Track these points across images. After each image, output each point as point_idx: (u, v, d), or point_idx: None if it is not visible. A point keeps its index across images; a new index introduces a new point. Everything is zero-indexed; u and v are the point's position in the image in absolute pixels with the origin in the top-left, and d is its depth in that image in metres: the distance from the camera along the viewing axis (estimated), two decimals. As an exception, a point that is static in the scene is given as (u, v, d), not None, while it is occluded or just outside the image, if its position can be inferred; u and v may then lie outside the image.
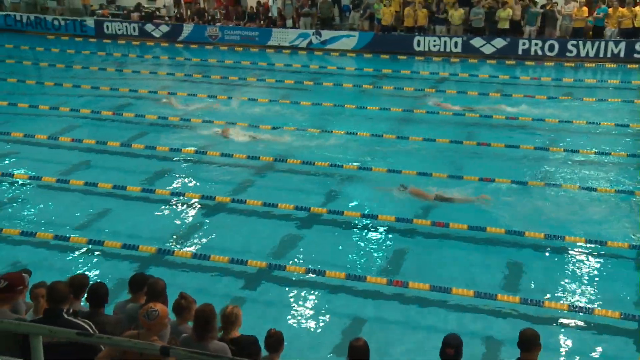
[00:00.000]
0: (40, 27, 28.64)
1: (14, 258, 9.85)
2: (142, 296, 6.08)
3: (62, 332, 3.73)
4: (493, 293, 9.09)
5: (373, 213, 11.58)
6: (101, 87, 19.95)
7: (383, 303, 9.12)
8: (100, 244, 10.34)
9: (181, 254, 10.13)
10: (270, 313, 8.85)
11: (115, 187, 12.51)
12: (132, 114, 17.21)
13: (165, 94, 19.04)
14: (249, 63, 24.00)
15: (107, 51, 26.07)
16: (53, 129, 15.96)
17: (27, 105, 17.84)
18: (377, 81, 21.75)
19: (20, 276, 5.64)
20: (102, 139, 15.10)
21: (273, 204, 11.85)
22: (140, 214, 11.81)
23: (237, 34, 27.11)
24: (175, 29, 27.65)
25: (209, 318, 5.36)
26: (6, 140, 15.30)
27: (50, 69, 22.85)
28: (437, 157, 14.68)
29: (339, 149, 15.05)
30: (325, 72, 23.00)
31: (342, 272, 9.63)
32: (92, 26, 28.23)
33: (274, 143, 15.36)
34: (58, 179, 12.91)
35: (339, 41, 26.04)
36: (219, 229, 11.33)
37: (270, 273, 9.80)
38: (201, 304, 5.60)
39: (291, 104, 18.50)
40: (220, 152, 14.46)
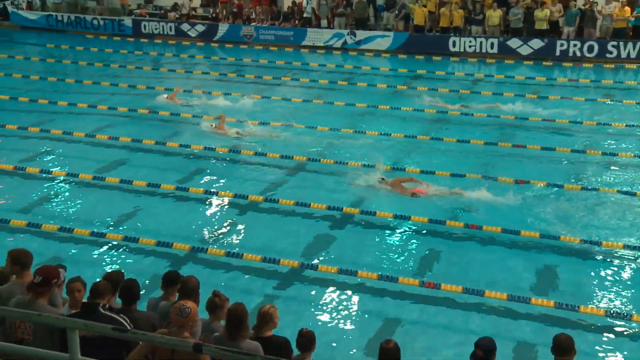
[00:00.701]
0: (80, 26, 29.15)
1: (52, 253, 10.03)
2: (174, 293, 6.15)
3: (98, 326, 3.80)
4: (527, 297, 8.98)
5: (406, 214, 11.53)
6: (138, 85, 20.22)
7: (415, 305, 9.07)
8: (135, 240, 10.47)
9: (214, 252, 10.20)
10: (302, 312, 8.86)
11: (150, 184, 12.66)
12: (167, 113, 17.40)
13: (166, 90, 18.98)
14: (284, 63, 24.09)
15: (144, 50, 26.41)
16: (90, 126, 16.21)
17: (66, 103, 18.17)
18: (411, 82, 21.65)
19: (54, 270, 5.75)
20: (138, 136, 15.30)
21: (306, 203, 11.88)
22: (174, 211, 11.93)
23: (271, 34, 27.23)
24: (210, 28, 27.89)
25: (242, 317, 5.39)
26: (46, 137, 15.58)
27: (88, 67, 23.24)
28: (471, 158, 14.55)
29: (372, 150, 15.01)
30: (359, 73, 22.97)
31: (374, 272, 9.60)
32: (129, 26, 28.62)
33: (307, 143, 15.39)
34: (94, 176, 13.12)
35: (374, 41, 25.99)
36: (252, 228, 11.39)
37: (302, 272, 9.82)
38: (233, 302, 5.64)
39: (325, 104, 18.52)
40: (254, 151, 14.55)
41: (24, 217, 11.35)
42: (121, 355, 5.20)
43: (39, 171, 13.40)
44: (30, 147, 15.02)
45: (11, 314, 4.30)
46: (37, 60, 24.37)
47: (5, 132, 15.94)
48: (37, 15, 29.63)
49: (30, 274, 5.86)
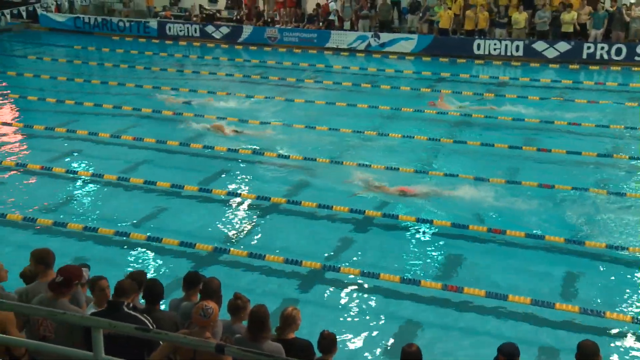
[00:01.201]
0: (106, 28, 29.46)
1: (77, 252, 10.15)
2: (195, 294, 6.17)
3: (121, 326, 3.83)
4: (551, 302, 8.88)
5: (428, 218, 11.48)
6: (162, 87, 20.36)
7: (437, 308, 9.02)
8: (158, 240, 10.55)
9: (237, 253, 10.23)
10: (323, 314, 8.86)
11: (174, 185, 12.75)
12: (192, 114, 17.51)
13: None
14: (307, 65, 24.13)
15: (168, 52, 26.62)
16: (116, 127, 16.37)
17: (92, 104, 18.36)
18: (435, 84, 21.56)
19: (77, 270, 5.80)
20: (162, 138, 15.41)
21: (328, 205, 11.88)
22: (197, 212, 12.00)
23: (295, 36, 27.29)
24: (235, 30, 28.03)
25: (264, 318, 5.41)
26: (72, 138, 15.77)
27: (114, 69, 23.48)
28: (495, 161, 14.45)
29: (395, 152, 14.98)
30: (382, 75, 22.92)
31: (397, 275, 9.57)
32: (155, 27, 28.87)
33: (330, 145, 15.41)
34: (119, 176, 13.24)
35: (398, 44, 25.93)
36: (274, 230, 11.42)
37: (324, 274, 9.81)
38: (255, 304, 5.66)
39: (348, 106, 18.51)
40: (276, 153, 14.59)
41: (50, 216, 11.50)
42: (143, 355, 5.24)
43: (65, 171, 13.55)
44: (57, 147, 15.22)
45: (37, 312, 4.35)
46: (64, 61, 24.67)
47: (33, 132, 16.17)
48: (65, 18, 30.02)
49: (54, 273, 5.93)
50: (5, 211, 11.53)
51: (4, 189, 12.89)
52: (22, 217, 11.33)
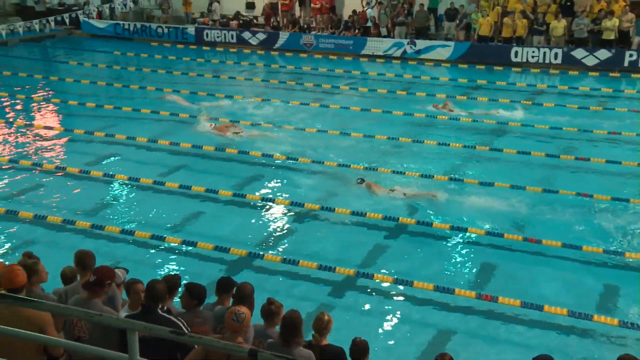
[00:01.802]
0: (145, 34, 29.90)
1: (114, 255, 10.30)
2: (228, 299, 6.22)
3: (156, 329, 3.87)
4: (589, 313, 8.72)
5: (463, 226, 11.38)
6: (199, 92, 20.58)
7: (471, 317, 8.93)
8: (193, 244, 10.65)
9: (270, 258, 10.28)
10: (356, 321, 8.84)
11: (208, 190, 12.85)
12: (227, 120, 17.65)
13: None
14: (343, 71, 24.15)
15: (205, 58, 26.90)
16: (153, 132, 16.57)
17: (130, 109, 18.64)
18: (471, 92, 21.39)
19: (110, 271, 5.89)
20: (198, 143, 15.56)
21: (362, 212, 11.86)
22: (231, 217, 12.09)
23: (331, 43, 27.35)
24: (271, 36, 28.21)
25: (296, 324, 5.42)
26: (110, 142, 16.02)
27: (152, 74, 23.79)
28: (531, 170, 14.27)
29: (430, 159, 14.90)
30: (418, 82, 22.82)
31: (430, 283, 9.50)
32: (192, 34, 29.21)
33: (365, 151, 15.39)
34: (155, 180, 13.40)
35: (434, 51, 25.79)
36: (308, 235, 11.44)
37: (357, 281, 9.79)
38: (288, 309, 5.67)
39: (383, 113, 18.47)
40: (311, 159, 14.61)
41: (88, 218, 11.70)
42: (177, 357, 5.28)
43: (103, 174, 13.77)
44: (95, 150, 15.48)
45: (73, 313, 4.43)
46: (104, 66, 25.10)
47: (73, 136, 16.47)
48: (105, 24, 30.57)
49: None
50: (46, 213, 11.76)
51: (44, 191, 13.15)
52: (61, 219, 11.54)
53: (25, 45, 28.83)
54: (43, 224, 11.49)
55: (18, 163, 14.41)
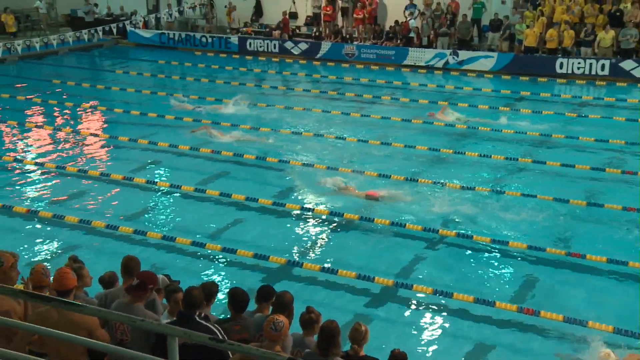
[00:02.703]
0: (189, 43, 30.34)
1: (154, 260, 10.43)
2: (267, 307, 6.23)
3: (196, 336, 3.91)
4: (635, 331, 8.50)
5: (504, 239, 11.22)
6: (241, 101, 20.75)
7: (511, 331, 8.80)
8: (233, 252, 10.73)
9: (309, 267, 10.29)
10: (394, 332, 8.78)
11: (248, 198, 12.95)
12: (269, 129, 17.78)
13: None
14: (384, 82, 24.12)
15: (248, 67, 27.16)
16: (195, 140, 16.78)
17: (173, 117, 18.92)
18: (514, 103, 21.13)
19: (153, 276, 5.96)
20: (239, 151, 15.69)
21: (401, 223, 11.80)
22: (271, 225, 12.14)
23: (373, 53, 27.34)
24: (313, 46, 28.35)
25: (334, 334, 5.40)
26: (153, 149, 16.28)
27: (195, 83, 24.14)
28: (575, 183, 14.02)
29: (472, 171, 14.76)
30: (460, 93, 22.66)
31: (470, 295, 9.39)
32: (235, 43, 29.53)
33: (406, 162, 15.34)
34: (196, 188, 13.55)
35: (477, 62, 25.57)
36: (347, 245, 11.42)
37: (396, 292, 9.74)
38: (327, 319, 5.66)
39: (424, 123, 18.38)
40: (351, 169, 14.61)
41: (130, 224, 11.89)
42: (215, 364, 5.32)
43: (145, 181, 13.99)
44: (139, 157, 15.74)
45: (117, 318, 4.51)
46: (148, 75, 25.54)
47: (118, 143, 16.79)
48: (151, 34, 31.13)
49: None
50: (90, 218, 12.00)
51: (89, 197, 13.43)
52: (105, 224, 11.77)
53: (74, 55, 29.54)
54: (87, 229, 11.73)
55: (65, 169, 14.75)
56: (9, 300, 5.43)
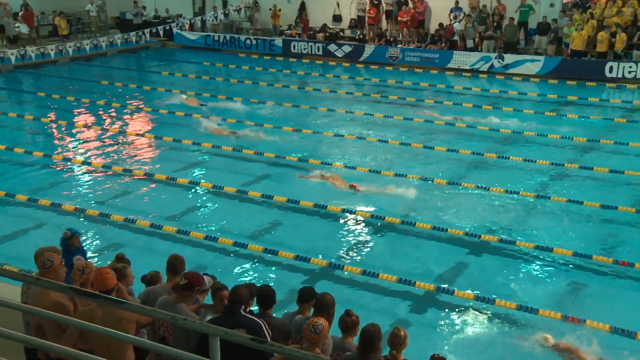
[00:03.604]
0: (234, 45, 30.66)
1: (197, 259, 10.55)
2: (308, 309, 6.24)
3: (236, 335, 3.94)
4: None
5: (549, 245, 11.03)
6: (284, 103, 20.89)
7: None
8: (274, 253, 10.79)
9: (350, 270, 10.28)
10: (434, 337, 8.72)
11: (290, 200, 13.00)
12: (311, 131, 17.84)
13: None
14: (428, 85, 23.96)
15: (291, 69, 27.30)
16: (238, 141, 16.93)
17: (218, 118, 19.08)
18: (560, 108, 20.76)
19: (200, 277, 6.02)
20: (282, 153, 15.77)
21: (443, 228, 11.70)
22: (312, 228, 12.16)
23: (417, 56, 27.19)
24: (357, 49, 28.33)
25: (375, 338, 5.37)
26: (196, 150, 16.47)
27: (239, 85, 24.36)
28: (624, 189, 13.69)
29: (516, 176, 14.55)
30: (505, 97, 22.36)
31: (513, 302, 9.26)
32: (280, 45, 29.71)
33: (448, 166, 15.21)
34: (238, 189, 13.66)
35: (523, 65, 25.21)
36: (388, 249, 11.37)
37: (437, 296, 9.66)
38: (367, 322, 5.64)
39: (468, 127, 18.20)
40: (394, 172, 14.55)
41: (174, 224, 12.06)
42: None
43: (188, 182, 14.16)
44: (182, 158, 15.94)
45: (160, 316, 4.58)
46: (193, 77, 25.88)
47: (163, 144, 17.04)
48: (196, 36, 31.55)
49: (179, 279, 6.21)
50: (135, 217, 12.21)
51: (134, 196, 13.66)
52: (149, 223, 11.96)
53: (122, 56, 30.13)
54: (132, 228, 11.93)
55: (111, 168, 15.04)
56: (59, 297, 5.59)
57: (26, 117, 19.81)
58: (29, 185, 13.98)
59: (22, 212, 12.62)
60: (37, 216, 12.47)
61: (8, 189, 13.41)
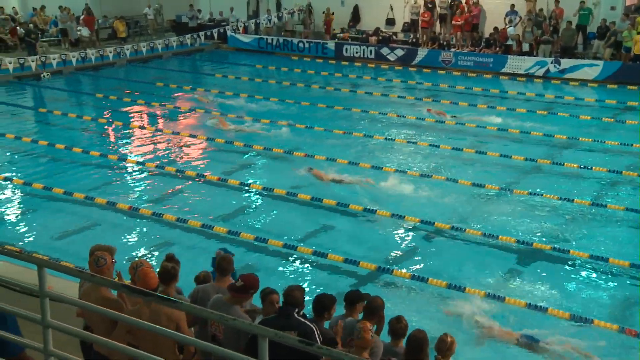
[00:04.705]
0: (287, 48, 30.87)
1: (247, 260, 10.65)
2: (356, 312, 6.22)
3: (285, 337, 3.96)
4: None
5: (604, 255, 10.74)
6: (335, 106, 20.91)
7: (612, 351, 8.39)
8: (324, 256, 10.80)
9: (399, 274, 10.22)
10: (483, 345, 8.58)
11: (340, 204, 12.98)
12: (361, 134, 17.81)
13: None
14: (481, 89, 23.64)
15: (343, 72, 27.30)
16: (290, 143, 17.02)
17: (268, 121, 19.15)
18: (619, 114, 20.21)
19: (256, 281, 6.04)
20: (332, 156, 15.78)
21: (494, 235, 11.52)
22: (362, 231, 12.14)
23: (470, 60, 26.88)
24: (409, 53, 28.17)
25: (422, 344, 5.34)
26: (247, 152, 16.61)
27: (291, 87, 24.50)
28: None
29: (571, 183, 14.23)
30: (561, 102, 21.90)
31: (566, 312, 9.06)
32: (332, 48, 29.77)
33: (501, 171, 14.98)
34: (288, 191, 13.71)
35: (580, 70, 24.63)
36: (437, 255, 11.26)
37: (488, 303, 9.49)
38: (415, 328, 5.60)
39: (521, 133, 17.88)
40: (445, 176, 14.41)
41: (224, 224, 12.19)
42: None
43: (239, 183, 14.30)
44: (233, 159, 16.11)
45: (209, 315, 4.64)
46: (246, 79, 26.13)
47: (215, 146, 17.26)
48: (250, 38, 31.88)
49: (229, 280, 6.27)
50: (186, 217, 12.40)
51: (186, 197, 13.88)
52: (200, 223, 12.12)
53: (177, 58, 30.67)
54: (183, 227, 12.11)
55: (164, 169, 15.31)
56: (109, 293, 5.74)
57: (84, 118, 20.36)
58: (85, 184, 14.36)
59: (78, 210, 12.96)
60: (93, 214, 12.78)
61: (66, 187, 13.80)
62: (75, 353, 5.24)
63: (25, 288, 5.24)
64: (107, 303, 5.49)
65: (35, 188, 13.89)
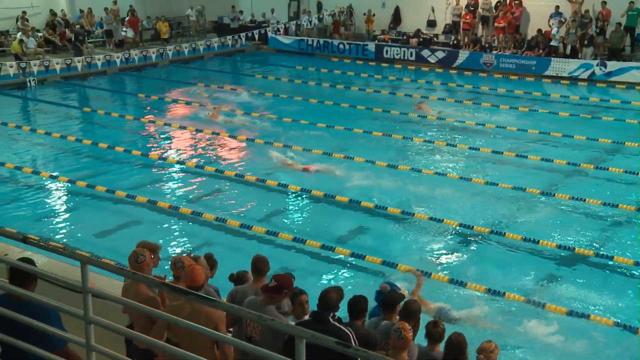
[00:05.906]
0: (327, 50, 30.89)
1: (284, 261, 10.67)
2: (394, 315, 6.19)
3: (323, 338, 3.96)
4: None
5: (648, 262, 10.51)
6: (374, 108, 20.86)
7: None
8: (361, 257, 10.78)
9: (437, 278, 10.15)
10: (525, 351, 8.47)
11: (377, 206, 12.95)
12: (401, 136, 17.73)
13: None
14: (523, 92, 23.30)
15: (383, 74, 27.20)
16: (329, 144, 17.01)
17: (307, 122, 19.21)
18: (666, 118, 19.72)
19: (289, 281, 6.06)
20: (371, 158, 15.72)
21: (535, 239, 11.35)
22: (399, 234, 12.09)
23: (512, 62, 26.52)
24: (450, 55, 27.94)
25: (461, 347, 5.29)
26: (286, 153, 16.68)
27: (330, 89, 24.50)
28: None
29: (615, 188, 13.94)
30: (606, 106, 21.46)
31: (610, 318, 8.88)
32: (372, 50, 29.70)
33: (542, 175, 14.77)
34: (326, 193, 13.70)
35: (627, 73, 24.09)
36: (476, 258, 11.16)
37: (528, 309, 9.38)
38: (454, 332, 5.56)
39: (563, 136, 17.58)
40: (485, 180, 14.25)
41: (263, 224, 12.26)
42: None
43: (277, 184, 14.36)
44: (272, 160, 16.15)
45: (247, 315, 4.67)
46: (286, 80, 26.23)
47: (253, 145, 17.36)
48: (290, 40, 32.01)
49: (265, 280, 6.30)
50: (225, 216, 12.51)
51: (224, 197, 14.01)
52: (239, 223, 12.22)
53: (218, 59, 30.97)
54: (223, 227, 12.23)
55: (203, 168, 15.47)
56: (148, 290, 5.83)
57: (127, 117, 20.70)
58: (127, 182, 14.60)
59: (120, 208, 13.19)
60: (134, 212, 12.99)
61: (108, 185, 14.05)
62: (117, 349, 5.31)
63: (69, 284, 5.35)
64: (144, 299, 5.57)
65: (79, 186, 14.18)
